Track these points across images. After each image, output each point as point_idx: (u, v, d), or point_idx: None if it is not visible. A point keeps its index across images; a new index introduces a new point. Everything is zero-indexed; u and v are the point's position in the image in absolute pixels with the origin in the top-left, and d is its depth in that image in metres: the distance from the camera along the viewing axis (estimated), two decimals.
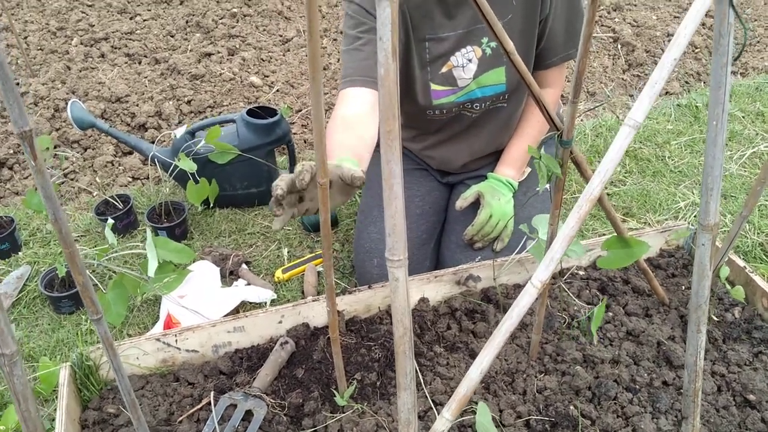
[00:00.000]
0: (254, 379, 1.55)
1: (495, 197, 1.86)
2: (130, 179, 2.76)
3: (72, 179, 2.75)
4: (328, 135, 1.62)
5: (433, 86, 1.79)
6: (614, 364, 1.57)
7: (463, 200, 1.89)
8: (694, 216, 2.28)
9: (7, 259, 2.28)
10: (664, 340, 1.61)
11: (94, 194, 2.64)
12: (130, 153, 2.87)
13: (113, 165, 2.81)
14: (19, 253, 2.31)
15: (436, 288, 1.76)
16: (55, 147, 2.80)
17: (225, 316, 1.94)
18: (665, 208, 2.31)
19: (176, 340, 1.61)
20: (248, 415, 1.48)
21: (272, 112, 2.38)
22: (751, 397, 1.47)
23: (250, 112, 2.36)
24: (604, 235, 2.13)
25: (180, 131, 2.31)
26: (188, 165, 2.18)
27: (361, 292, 1.72)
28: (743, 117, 2.76)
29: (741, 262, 1.74)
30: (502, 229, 1.87)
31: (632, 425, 1.42)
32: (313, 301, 1.70)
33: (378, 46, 0.66)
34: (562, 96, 2.99)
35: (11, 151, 2.80)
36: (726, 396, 1.49)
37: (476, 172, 2.04)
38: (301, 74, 3.28)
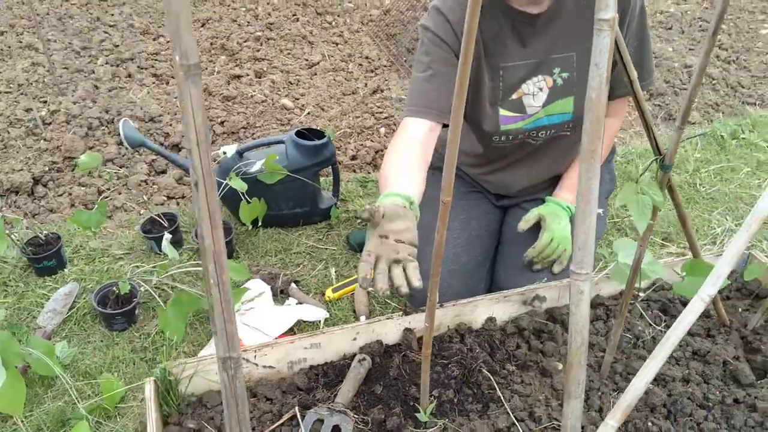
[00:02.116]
0: (335, 395, 1.57)
1: (556, 221, 1.91)
2: (165, 198, 2.77)
3: (106, 198, 2.76)
4: (397, 152, 1.70)
5: (503, 112, 1.85)
6: (685, 383, 1.61)
7: (525, 222, 1.93)
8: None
9: (53, 276, 2.28)
10: (730, 360, 1.66)
11: (131, 212, 2.64)
12: (164, 172, 2.89)
13: (147, 184, 2.82)
14: (65, 269, 2.31)
15: (503, 308, 1.79)
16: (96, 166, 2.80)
17: (285, 333, 1.96)
18: (702, 234, 2.38)
19: (255, 356, 1.63)
20: (335, 430, 1.50)
21: (319, 135, 2.42)
22: None
23: (298, 134, 2.40)
24: (661, 257, 2.18)
25: (230, 150, 2.34)
26: (239, 185, 2.21)
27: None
28: (767, 146, 2.86)
29: None
30: (562, 252, 1.92)
31: None
32: (387, 319, 1.72)
33: (592, 72, 0.71)
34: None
35: (46, 169, 2.80)
36: None
37: (533, 195, 2.09)
38: (330, 98, 3.32)
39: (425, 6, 3.72)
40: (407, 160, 1.67)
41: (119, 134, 2.28)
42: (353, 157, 2.90)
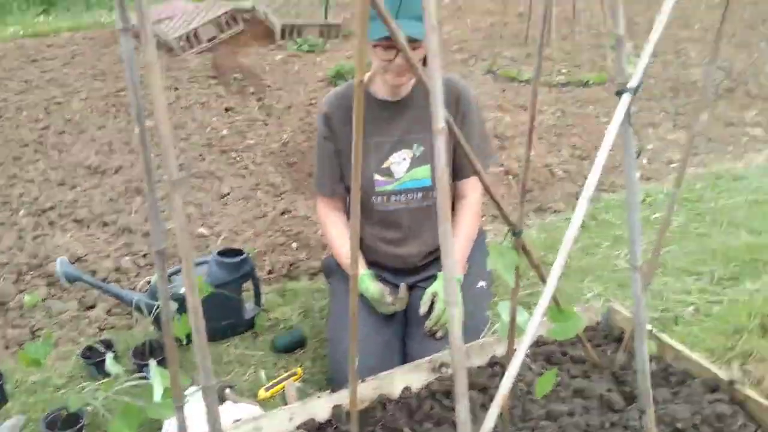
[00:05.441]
0: None
1: None
2: (97, 330, 2.95)
3: (38, 336, 2.91)
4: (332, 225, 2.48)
5: (376, 176, 2.35)
6: (570, 416, 1.94)
7: (423, 306, 2.29)
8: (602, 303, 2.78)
9: None
10: (604, 393, 2.01)
11: (66, 346, 2.80)
12: (93, 307, 3.08)
13: (78, 318, 3.00)
14: (8, 404, 2.44)
15: (416, 376, 2.10)
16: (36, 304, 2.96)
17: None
18: (576, 299, 2.80)
19: None
20: None
21: (239, 253, 2.73)
22: (680, 425, 1.87)
23: (220, 253, 2.70)
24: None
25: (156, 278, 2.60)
26: (172, 305, 2.46)
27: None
28: (621, 224, 3.39)
29: (648, 327, 2.21)
30: None
31: None
32: (318, 398, 1.99)
33: (436, 165, 1.08)
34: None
35: None
36: (660, 428, 1.89)
37: (426, 272, 2.48)
38: (243, 222, 3.65)
39: None
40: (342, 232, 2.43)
41: (57, 272, 2.50)
42: (270, 272, 3.21)
